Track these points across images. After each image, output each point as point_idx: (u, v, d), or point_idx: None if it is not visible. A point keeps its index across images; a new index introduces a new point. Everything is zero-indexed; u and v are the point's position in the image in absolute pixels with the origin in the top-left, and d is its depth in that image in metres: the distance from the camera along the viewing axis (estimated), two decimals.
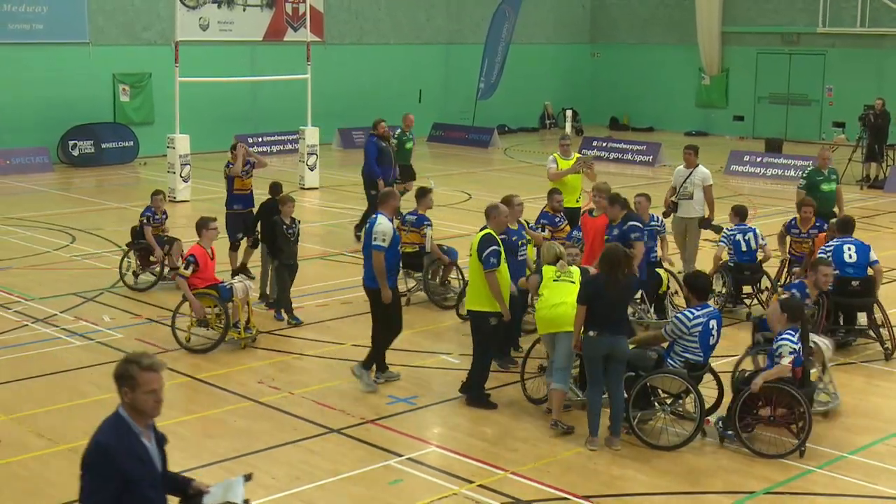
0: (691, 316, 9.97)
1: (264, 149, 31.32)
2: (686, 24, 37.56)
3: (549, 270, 10.62)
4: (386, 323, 11.49)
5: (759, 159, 28.81)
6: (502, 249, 10.85)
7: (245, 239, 15.73)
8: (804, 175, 16.39)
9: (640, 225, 12.53)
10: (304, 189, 24.84)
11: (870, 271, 12.79)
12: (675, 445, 9.83)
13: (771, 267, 14.55)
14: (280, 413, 10.81)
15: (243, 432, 10.33)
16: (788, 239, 14.57)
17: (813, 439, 9.85)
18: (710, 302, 10.52)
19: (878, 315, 12.75)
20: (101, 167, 28.37)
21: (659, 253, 13.90)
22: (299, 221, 14.14)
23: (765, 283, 14.31)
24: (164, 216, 16.03)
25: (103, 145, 28.99)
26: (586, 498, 8.88)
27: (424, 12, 36.29)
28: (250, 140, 31.08)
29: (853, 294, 12.66)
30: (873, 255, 12.81)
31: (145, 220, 15.69)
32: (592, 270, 10.64)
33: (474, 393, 10.98)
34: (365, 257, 11.55)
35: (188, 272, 12.72)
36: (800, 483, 9.24)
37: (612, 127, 39.25)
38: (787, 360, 9.61)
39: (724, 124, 37.17)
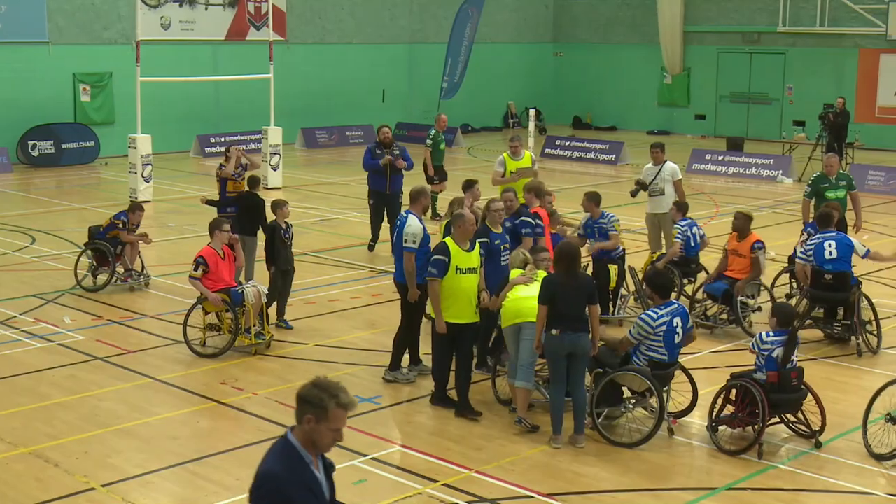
0: (655, 316, 9.98)
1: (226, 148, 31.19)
2: (648, 23, 37.78)
3: (516, 272, 10.67)
4: (411, 319, 11.57)
5: (720, 158, 29.03)
6: (454, 261, 10.50)
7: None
8: (809, 182, 15.82)
9: (530, 220, 12.49)
10: (267, 189, 24.67)
11: (854, 265, 12.97)
12: (636, 442, 9.88)
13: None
14: (243, 414, 10.77)
15: (207, 433, 10.28)
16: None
17: (774, 436, 9.94)
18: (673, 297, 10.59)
19: (865, 313, 12.92)
20: (62, 167, 28.11)
21: (595, 247, 13.94)
22: (292, 225, 13.97)
23: (701, 276, 14.44)
24: (135, 227, 15.77)
25: (63, 145, 28.72)
26: (551, 496, 8.90)
27: (387, 12, 36.24)
28: (212, 140, 31.02)
29: (827, 287, 12.75)
30: (861, 248, 12.93)
31: (120, 224, 15.46)
32: None
33: (434, 395, 10.99)
34: (396, 256, 11.61)
35: (198, 273, 12.46)
36: (761, 479, 9.31)
37: (576, 126, 39.41)
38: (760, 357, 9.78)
39: (686, 123, 37.42)
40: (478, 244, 10.91)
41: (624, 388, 10.21)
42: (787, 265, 14.73)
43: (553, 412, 10.02)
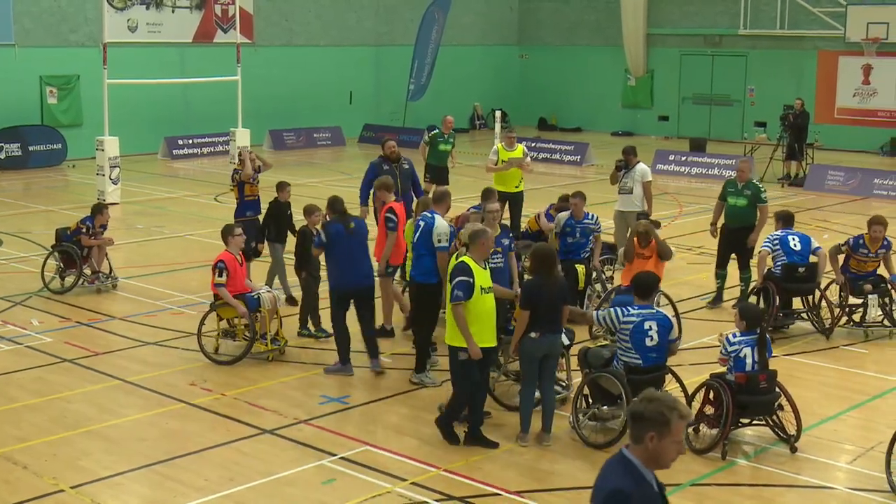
0: (625, 312, 9.89)
1: (195, 150, 31.06)
2: (612, 26, 37.93)
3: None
4: (430, 318, 11.48)
5: (683, 158, 29.20)
6: (477, 280, 9.65)
7: (258, 246, 14.93)
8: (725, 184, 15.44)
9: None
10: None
11: (812, 258, 13.38)
12: (607, 442, 9.86)
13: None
14: (212, 415, 10.71)
15: (175, 434, 10.21)
16: (841, 257, 13.81)
17: (740, 434, 10.01)
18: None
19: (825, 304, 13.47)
20: (29, 170, 27.84)
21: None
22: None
23: None
24: (102, 229, 15.60)
25: (30, 148, 28.45)
26: (518, 493, 8.91)
27: (354, 14, 36.17)
28: (180, 142, 30.84)
29: (801, 280, 13.20)
30: (815, 243, 13.50)
31: (84, 229, 15.28)
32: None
33: (443, 419, 10.12)
34: (417, 254, 11.48)
35: (223, 279, 12.17)
36: (724, 475, 9.37)
37: (541, 127, 39.49)
38: (723, 354, 9.82)
39: (649, 124, 37.60)
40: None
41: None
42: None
43: (522, 411, 10.01)
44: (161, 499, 8.85)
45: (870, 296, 13.35)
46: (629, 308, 9.96)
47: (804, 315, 13.62)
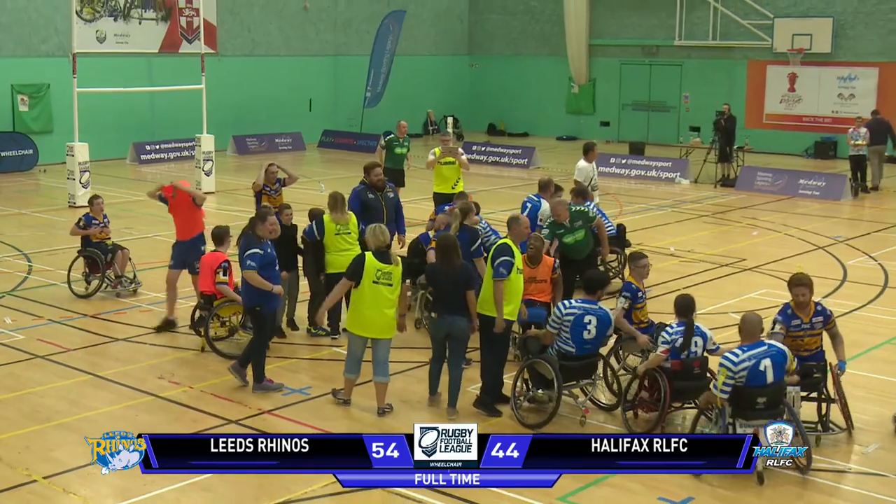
0: (567, 305, 10.04)
1: (162, 155, 30.79)
2: (556, 37, 38.08)
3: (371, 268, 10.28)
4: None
5: (623, 161, 29.37)
6: (518, 262, 10.27)
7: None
8: (546, 225, 13.58)
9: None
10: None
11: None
12: (538, 424, 9.94)
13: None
14: (180, 406, 10.62)
15: (144, 425, 10.09)
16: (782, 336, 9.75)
17: (678, 416, 10.10)
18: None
19: None
20: (1, 174, 27.39)
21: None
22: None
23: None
24: (105, 220, 15.09)
25: (2, 154, 27.97)
26: None
27: (313, 26, 36.01)
28: (147, 147, 30.54)
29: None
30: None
31: (81, 224, 14.84)
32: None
33: (484, 398, 10.39)
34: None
35: (226, 278, 12.08)
36: None
37: (490, 132, 39.55)
38: (661, 349, 9.72)
39: (592, 129, 37.74)
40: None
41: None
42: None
43: (430, 379, 10.53)
44: (131, 487, 8.75)
45: (789, 388, 9.30)
46: (571, 302, 10.12)
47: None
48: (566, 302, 10.14)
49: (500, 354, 10.48)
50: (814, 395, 9.87)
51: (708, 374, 9.82)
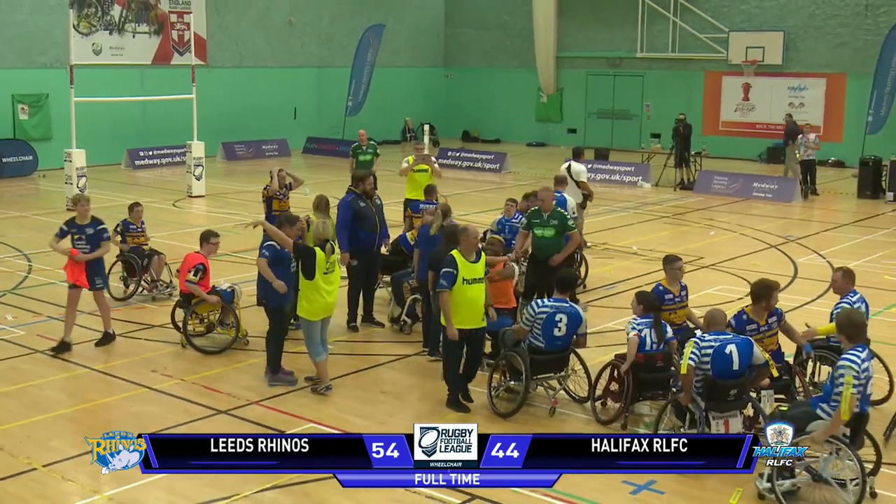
0: (540, 304, 9.99)
1: (155, 161, 30.64)
2: (526, 50, 38.15)
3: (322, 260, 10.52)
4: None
5: (589, 166, 29.06)
6: (461, 272, 9.93)
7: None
8: (526, 215, 13.23)
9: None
10: (191, 197, 24.37)
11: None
12: (507, 413, 9.96)
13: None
14: (172, 398, 10.58)
15: (138, 416, 10.06)
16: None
17: (637, 405, 10.14)
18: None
19: None
20: (2, 179, 27.17)
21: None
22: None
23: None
24: (142, 226, 14.79)
25: (4, 160, 27.76)
26: None
27: (298, 39, 35.93)
28: (141, 154, 30.37)
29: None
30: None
31: (119, 229, 14.50)
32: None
33: (450, 397, 10.34)
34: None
35: (196, 278, 11.99)
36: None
37: (465, 139, 39.58)
38: (632, 334, 9.64)
39: (559, 136, 37.87)
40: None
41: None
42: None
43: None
44: (127, 474, 8.63)
45: (763, 392, 9.35)
46: (544, 301, 10.08)
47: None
48: (539, 301, 10.11)
49: (475, 356, 10.35)
50: (783, 396, 9.60)
51: (672, 368, 9.71)
